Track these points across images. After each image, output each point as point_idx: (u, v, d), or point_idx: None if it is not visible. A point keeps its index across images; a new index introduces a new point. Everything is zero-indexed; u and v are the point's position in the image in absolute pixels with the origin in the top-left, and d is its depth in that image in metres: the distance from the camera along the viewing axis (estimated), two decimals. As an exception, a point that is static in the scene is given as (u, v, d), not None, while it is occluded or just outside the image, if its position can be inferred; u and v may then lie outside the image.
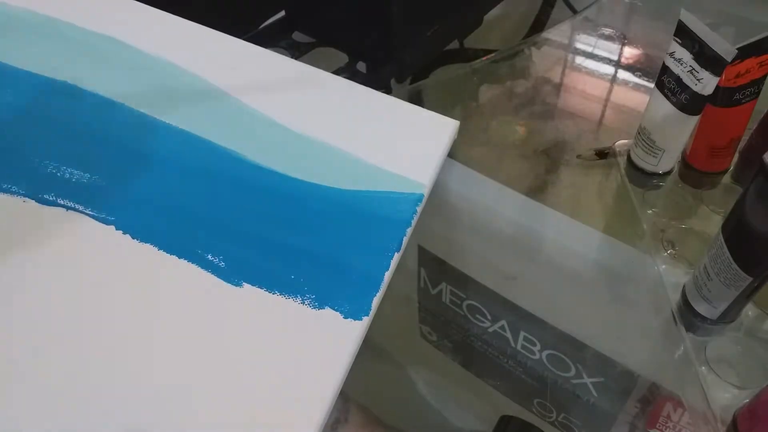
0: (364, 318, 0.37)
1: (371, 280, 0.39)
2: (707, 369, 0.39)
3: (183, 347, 0.35)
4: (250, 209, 0.42)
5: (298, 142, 0.46)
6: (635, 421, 0.41)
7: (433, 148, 0.46)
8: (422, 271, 0.50)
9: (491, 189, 0.50)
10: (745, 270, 0.35)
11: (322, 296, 0.38)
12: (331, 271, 0.39)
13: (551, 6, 0.82)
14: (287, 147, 0.45)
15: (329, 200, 0.43)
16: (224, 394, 0.34)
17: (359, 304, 0.38)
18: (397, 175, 0.44)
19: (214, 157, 0.44)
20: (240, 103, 0.48)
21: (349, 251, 0.40)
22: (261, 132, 0.46)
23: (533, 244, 0.48)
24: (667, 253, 0.45)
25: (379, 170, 0.44)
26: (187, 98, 0.48)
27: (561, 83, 0.63)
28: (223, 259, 0.39)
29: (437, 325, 0.50)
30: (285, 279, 0.38)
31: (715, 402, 0.37)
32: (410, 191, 0.43)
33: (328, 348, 0.36)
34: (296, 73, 0.50)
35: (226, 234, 0.40)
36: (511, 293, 0.46)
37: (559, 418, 0.43)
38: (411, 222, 0.42)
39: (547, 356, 0.44)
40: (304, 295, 0.38)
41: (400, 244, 0.41)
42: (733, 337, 0.40)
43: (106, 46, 0.51)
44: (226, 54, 0.51)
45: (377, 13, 0.63)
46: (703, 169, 0.48)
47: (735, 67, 0.41)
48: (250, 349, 0.35)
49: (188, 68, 0.50)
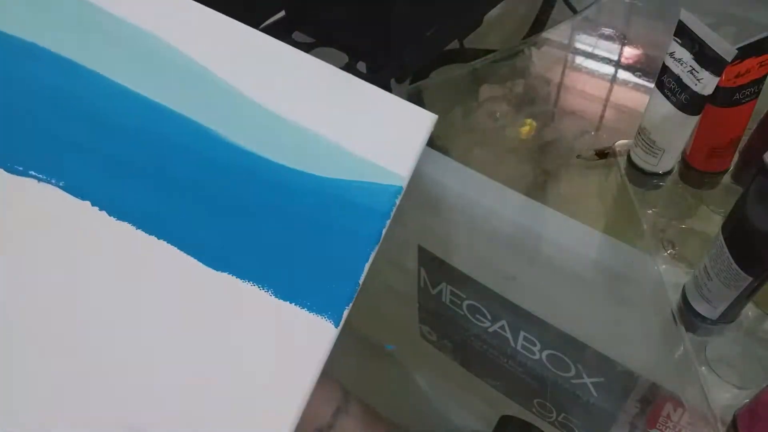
0: (343, 311, 0.37)
1: (350, 272, 0.38)
2: (707, 369, 0.39)
3: (149, 326, 0.35)
4: (224, 189, 0.41)
5: (275, 123, 0.44)
6: (635, 421, 0.41)
7: (411, 140, 0.45)
8: (422, 271, 0.50)
9: (491, 189, 0.50)
10: (745, 270, 0.35)
11: (295, 288, 0.37)
12: (308, 261, 0.38)
13: (551, 6, 0.82)
14: (263, 128, 0.44)
15: (306, 186, 0.42)
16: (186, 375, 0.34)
17: (335, 298, 0.37)
18: (375, 164, 0.43)
19: (189, 134, 0.43)
20: (216, 78, 0.47)
21: (327, 240, 0.39)
22: (236, 110, 0.45)
23: (533, 244, 0.48)
24: (667, 253, 0.45)
25: (358, 159, 0.43)
26: (165, 71, 0.46)
27: (561, 83, 0.63)
28: (198, 241, 0.38)
29: (437, 325, 0.50)
30: (257, 268, 0.37)
31: (715, 402, 0.37)
32: (389, 182, 0.43)
33: (300, 343, 0.35)
34: (280, 53, 0.49)
35: (202, 215, 0.39)
36: (511, 293, 0.46)
37: (559, 418, 0.43)
38: (390, 214, 0.41)
39: (547, 356, 0.44)
40: (276, 286, 0.37)
41: (379, 235, 0.40)
42: (733, 337, 0.40)
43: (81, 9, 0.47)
44: (209, 29, 0.50)
45: (377, 13, 0.62)
46: (703, 169, 0.48)
47: (735, 67, 0.41)
48: (217, 336, 0.35)
49: (169, 41, 0.48)
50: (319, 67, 0.49)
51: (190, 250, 0.38)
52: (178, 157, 0.42)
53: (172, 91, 0.45)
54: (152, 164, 0.41)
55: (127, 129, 0.42)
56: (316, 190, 0.41)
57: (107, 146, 0.41)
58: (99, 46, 0.46)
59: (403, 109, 0.47)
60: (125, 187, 0.39)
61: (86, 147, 0.41)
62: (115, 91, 0.44)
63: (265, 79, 0.47)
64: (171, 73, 0.46)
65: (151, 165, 0.41)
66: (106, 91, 0.44)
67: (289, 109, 0.45)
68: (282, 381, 0.34)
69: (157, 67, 0.46)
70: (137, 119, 0.43)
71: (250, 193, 0.41)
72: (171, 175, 0.41)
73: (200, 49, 0.48)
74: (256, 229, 0.39)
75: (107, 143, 0.41)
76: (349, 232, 0.40)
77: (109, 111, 0.43)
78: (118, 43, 0.47)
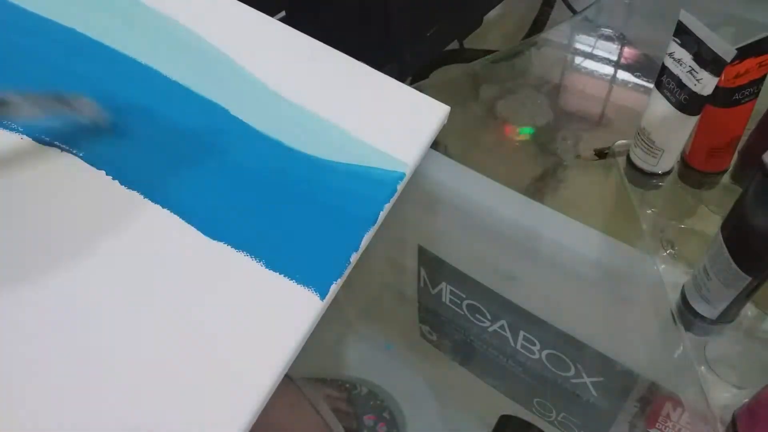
0: (330, 286, 0.38)
1: (341, 250, 0.39)
2: (707, 369, 0.39)
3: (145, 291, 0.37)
4: (230, 166, 0.42)
5: (284, 107, 0.46)
6: (635, 421, 0.41)
7: (421, 130, 0.46)
8: (422, 271, 0.50)
9: (491, 189, 0.50)
10: (744, 270, 0.35)
11: (287, 260, 0.38)
12: (302, 237, 0.39)
13: (551, 6, 0.83)
14: (271, 109, 0.46)
15: (310, 167, 0.43)
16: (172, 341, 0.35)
17: (324, 272, 0.38)
18: (381, 151, 0.44)
19: (199, 110, 0.45)
20: (229, 59, 0.48)
21: (323, 219, 0.40)
22: (245, 90, 0.46)
23: (533, 244, 0.48)
24: (667, 253, 0.45)
25: (364, 144, 0.44)
26: (178, 50, 0.48)
27: (561, 83, 0.63)
28: (201, 213, 0.40)
29: (437, 325, 0.50)
30: (253, 240, 0.39)
31: (715, 402, 0.37)
32: (392, 169, 0.43)
33: (285, 312, 0.36)
34: (293, 41, 0.50)
35: (205, 187, 0.41)
36: (511, 293, 0.46)
37: (559, 418, 0.43)
38: (390, 199, 0.42)
39: (547, 356, 0.44)
40: (268, 258, 0.38)
41: (376, 218, 0.41)
42: (733, 337, 0.40)
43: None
44: (222, 14, 0.51)
45: (377, 13, 0.63)
46: (703, 169, 0.48)
47: (734, 67, 0.41)
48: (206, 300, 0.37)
49: (183, 22, 0.49)
50: (336, 58, 0.50)
51: (191, 220, 0.39)
52: (187, 132, 0.44)
53: (182, 66, 0.47)
54: (162, 139, 0.43)
55: (142, 108, 0.44)
56: (320, 172, 0.43)
57: (123, 123, 0.44)
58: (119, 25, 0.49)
59: (417, 100, 0.48)
60: (136, 160, 0.42)
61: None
62: (134, 71, 0.46)
63: (280, 64, 0.48)
64: (184, 53, 0.48)
65: (161, 140, 0.43)
66: (122, 69, 0.46)
67: (302, 95, 0.47)
68: (264, 347, 0.35)
69: (168, 44, 0.48)
70: (151, 98, 0.45)
71: (255, 171, 0.42)
72: (179, 150, 0.43)
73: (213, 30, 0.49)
74: (257, 206, 0.41)
75: (123, 120, 0.44)
76: (346, 213, 0.41)
77: (126, 90, 0.45)
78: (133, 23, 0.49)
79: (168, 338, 0.35)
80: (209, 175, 0.42)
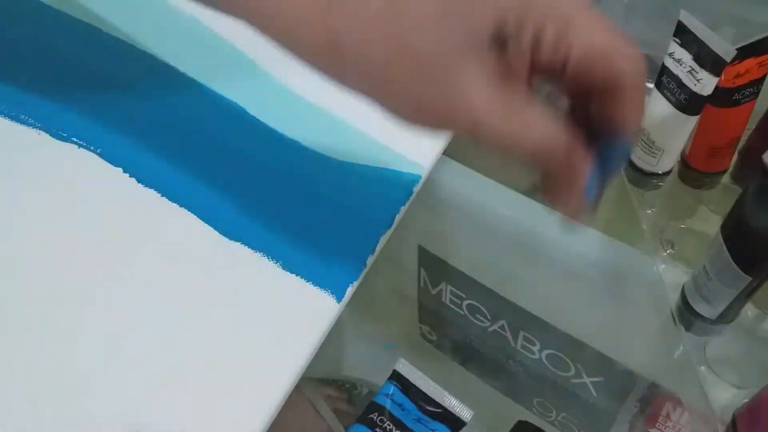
0: (347, 288, 0.38)
1: (358, 252, 0.39)
2: (707, 369, 0.39)
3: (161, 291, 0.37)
4: (247, 165, 0.42)
5: (302, 107, 0.46)
6: (635, 421, 0.42)
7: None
8: (422, 271, 0.50)
9: (491, 189, 0.50)
10: (744, 270, 0.35)
11: (304, 262, 0.38)
12: (319, 239, 0.39)
13: (551, 6, 0.82)
14: (290, 109, 0.45)
15: (327, 168, 0.43)
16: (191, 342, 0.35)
17: (340, 275, 0.38)
18: (396, 153, 0.44)
19: (217, 108, 0.45)
20: (248, 60, 0.48)
21: (340, 220, 0.40)
22: (264, 89, 0.46)
23: (533, 244, 0.48)
24: (667, 253, 0.45)
25: (379, 146, 0.44)
26: (199, 49, 0.48)
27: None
28: (219, 212, 0.40)
29: (437, 325, 0.50)
30: (270, 241, 0.39)
31: (715, 402, 0.37)
32: (408, 171, 0.43)
33: (302, 314, 0.36)
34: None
35: (224, 187, 0.41)
36: (511, 293, 0.46)
37: (559, 418, 0.43)
38: (405, 201, 0.42)
39: (547, 356, 0.44)
40: (285, 259, 0.38)
41: (392, 220, 0.41)
42: (733, 337, 0.40)
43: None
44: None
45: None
46: (703, 170, 0.48)
47: (734, 67, 0.41)
48: (221, 301, 0.37)
49: (203, 20, 0.49)
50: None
51: (209, 220, 0.39)
52: (206, 131, 0.44)
53: (200, 64, 0.47)
54: (180, 138, 0.43)
55: (165, 107, 0.45)
56: (336, 174, 0.43)
57: (142, 121, 0.44)
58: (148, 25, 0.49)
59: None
60: (155, 158, 0.42)
61: (122, 120, 0.44)
62: (159, 70, 0.46)
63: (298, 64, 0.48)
64: (204, 52, 0.48)
65: (179, 138, 0.43)
66: (146, 67, 0.46)
67: (320, 95, 0.46)
68: (281, 349, 0.35)
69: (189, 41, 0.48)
70: (173, 96, 0.45)
71: (272, 171, 0.42)
72: (197, 149, 0.43)
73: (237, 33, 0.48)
74: (274, 206, 0.41)
75: (142, 118, 0.44)
76: (362, 215, 0.41)
77: (149, 87, 0.46)
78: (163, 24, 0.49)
79: (183, 339, 0.35)
80: (227, 175, 0.42)
